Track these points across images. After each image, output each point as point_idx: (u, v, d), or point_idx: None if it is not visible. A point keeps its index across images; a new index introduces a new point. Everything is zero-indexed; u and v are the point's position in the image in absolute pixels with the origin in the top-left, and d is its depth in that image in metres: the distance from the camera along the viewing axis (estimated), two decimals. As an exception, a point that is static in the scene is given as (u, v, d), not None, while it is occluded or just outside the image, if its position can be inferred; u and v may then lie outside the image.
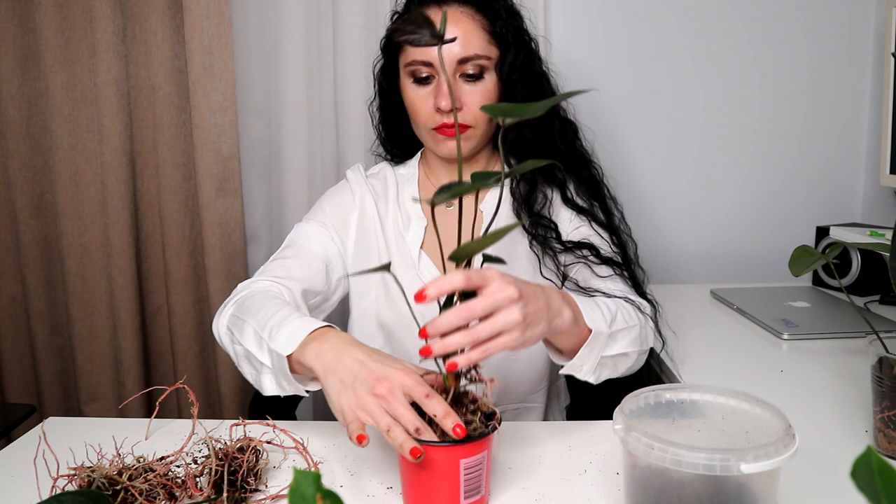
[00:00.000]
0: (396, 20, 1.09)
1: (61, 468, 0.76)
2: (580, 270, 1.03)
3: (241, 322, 0.89)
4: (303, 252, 1.06)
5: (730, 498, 0.59)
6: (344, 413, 0.71)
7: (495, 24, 1.02)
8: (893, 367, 0.76)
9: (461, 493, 0.68)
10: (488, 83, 1.02)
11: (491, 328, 0.66)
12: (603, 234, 1.07)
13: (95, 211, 1.64)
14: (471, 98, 1.01)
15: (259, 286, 0.97)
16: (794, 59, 1.70)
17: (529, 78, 1.05)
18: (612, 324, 0.84)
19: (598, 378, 0.86)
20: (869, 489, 0.33)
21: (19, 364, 1.74)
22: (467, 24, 1.00)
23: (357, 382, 0.72)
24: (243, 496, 0.72)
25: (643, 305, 0.97)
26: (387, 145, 1.20)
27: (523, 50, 1.04)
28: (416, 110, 1.03)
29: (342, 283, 1.11)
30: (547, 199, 1.09)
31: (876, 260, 1.48)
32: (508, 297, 0.66)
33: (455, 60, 0.99)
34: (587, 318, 0.80)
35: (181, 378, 1.63)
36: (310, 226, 1.10)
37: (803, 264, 0.85)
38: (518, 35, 1.04)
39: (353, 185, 1.14)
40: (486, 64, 1.01)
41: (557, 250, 1.05)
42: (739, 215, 1.77)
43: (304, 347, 0.78)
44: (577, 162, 1.11)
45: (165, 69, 1.58)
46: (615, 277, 1.01)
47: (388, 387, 0.69)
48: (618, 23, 1.68)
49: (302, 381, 0.83)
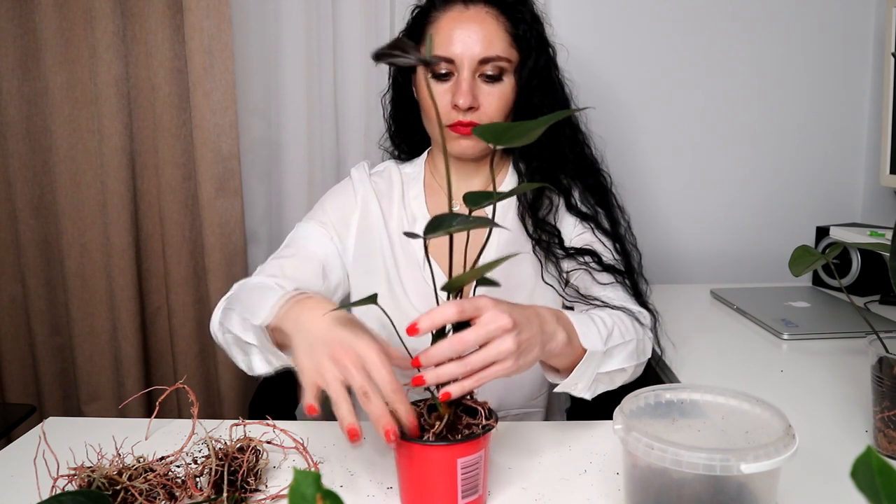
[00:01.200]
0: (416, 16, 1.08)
1: (61, 468, 0.76)
2: (581, 277, 1.03)
3: (230, 311, 0.90)
4: (300, 252, 1.06)
5: (730, 498, 0.59)
6: (304, 372, 0.70)
7: (519, 28, 1.01)
8: (893, 367, 0.76)
9: (458, 493, 0.68)
10: (506, 86, 1.01)
11: (484, 358, 0.66)
12: (606, 241, 1.06)
13: (95, 211, 1.64)
14: (487, 99, 1.00)
15: (253, 281, 0.98)
16: (795, 59, 1.70)
17: (547, 84, 1.05)
18: (608, 340, 0.84)
19: (593, 394, 0.86)
20: (869, 489, 0.33)
21: (19, 364, 1.74)
22: (491, 25, 0.99)
23: (321, 346, 0.70)
24: (243, 496, 0.72)
25: (642, 315, 0.95)
26: (395, 140, 1.19)
27: (544, 56, 1.04)
28: (432, 106, 1.02)
29: (342, 284, 1.10)
30: (553, 205, 1.08)
31: (876, 260, 1.48)
32: (502, 328, 0.66)
33: (476, 60, 0.98)
34: (582, 337, 0.80)
35: (181, 378, 1.63)
36: (310, 225, 1.10)
37: (803, 264, 0.85)
38: (540, 41, 1.04)
39: (356, 183, 1.13)
40: (505, 66, 1.00)
41: (560, 256, 1.04)
42: (739, 215, 1.77)
43: (284, 315, 0.77)
44: (585, 170, 1.10)
45: (165, 69, 1.58)
46: (616, 285, 1.00)
47: (349, 356, 0.68)
48: (617, 23, 1.68)
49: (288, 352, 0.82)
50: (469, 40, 0.98)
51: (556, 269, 1.05)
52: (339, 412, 0.67)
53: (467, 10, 1.00)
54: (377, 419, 0.66)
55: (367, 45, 1.59)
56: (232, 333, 0.88)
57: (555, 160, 1.08)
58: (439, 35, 1.00)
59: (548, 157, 1.07)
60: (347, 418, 0.66)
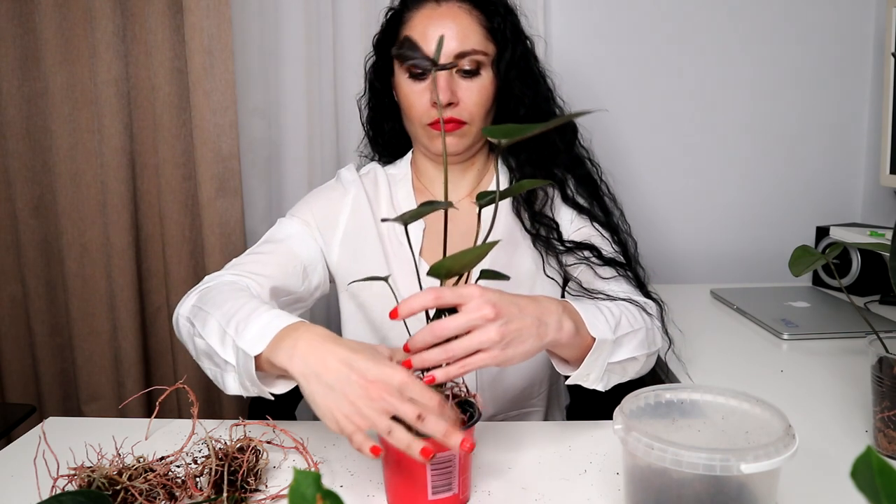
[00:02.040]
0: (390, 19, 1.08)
1: (61, 468, 0.76)
2: (583, 272, 1.02)
3: (204, 314, 0.83)
4: (279, 249, 1.03)
5: (730, 498, 0.59)
6: (338, 421, 0.66)
7: (493, 21, 1.01)
8: (893, 367, 0.76)
9: (429, 489, 0.68)
10: (485, 79, 1.01)
11: (466, 347, 0.67)
12: (605, 233, 1.05)
13: (95, 211, 1.64)
14: (467, 94, 1.00)
15: (226, 279, 0.93)
16: (794, 59, 1.70)
17: (527, 75, 1.04)
18: (617, 328, 0.83)
19: (606, 385, 0.85)
20: (869, 489, 0.33)
21: (19, 364, 1.74)
22: (465, 20, 0.99)
23: (348, 387, 0.66)
24: (243, 496, 0.72)
25: (648, 305, 0.95)
26: (374, 144, 1.18)
27: (520, 47, 1.04)
28: (412, 105, 1.01)
29: (322, 285, 1.07)
30: (548, 197, 1.08)
31: (876, 260, 1.48)
32: (484, 317, 0.67)
33: (452, 55, 0.98)
34: (590, 326, 0.79)
35: (181, 378, 1.63)
36: (292, 223, 1.07)
37: (803, 264, 0.85)
38: (515, 32, 1.04)
39: (346, 184, 1.11)
40: (482, 60, 1.00)
41: (559, 250, 1.04)
42: (739, 215, 1.77)
43: (276, 347, 0.72)
44: (574, 161, 1.10)
45: (165, 69, 1.58)
46: (619, 279, 1.00)
47: (383, 388, 0.65)
48: (616, 23, 1.67)
49: (266, 380, 0.77)
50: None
51: (558, 262, 1.05)
52: (403, 442, 0.63)
53: (439, 6, 1.00)
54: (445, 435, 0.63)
55: (367, 45, 1.58)
56: (205, 341, 0.81)
57: (545, 152, 1.07)
58: (413, 33, 0.99)
59: (538, 149, 1.06)
60: (416, 442, 0.63)
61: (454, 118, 1.00)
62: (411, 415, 0.63)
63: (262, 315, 0.76)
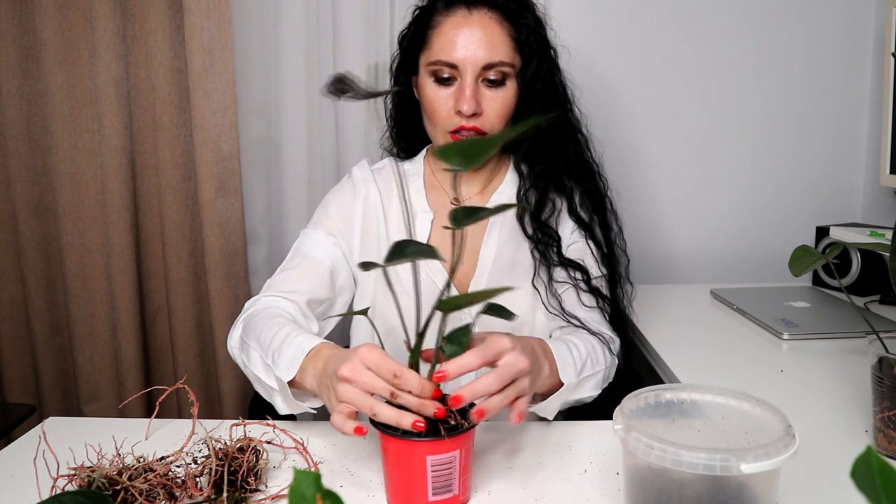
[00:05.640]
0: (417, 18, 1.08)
1: (61, 468, 0.76)
2: (568, 291, 1.06)
3: (248, 347, 0.92)
4: (307, 261, 1.06)
5: (730, 498, 0.59)
6: (332, 411, 0.73)
7: (522, 33, 1.01)
8: (893, 367, 0.76)
9: (429, 490, 0.68)
10: (509, 90, 1.01)
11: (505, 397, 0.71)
12: (596, 253, 1.09)
13: (95, 211, 1.64)
14: (490, 105, 1.00)
15: (263, 303, 0.99)
16: (794, 59, 1.70)
17: (550, 87, 1.05)
18: (581, 371, 0.90)
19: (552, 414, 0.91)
20: (869, 489, 0.33)
21: (19, 364, 1.74)
22: (495, 30, 0.99)
23: (326, 378, 0.75)
24: (243, 496, 0.72)
25: (614, 343, 1.02)
26: (396, 139, 1.20)
27: (546, 59, 1.04)
28: (435, 110, 1.02)
29: (348, 287, 1.11)
30: (556, 209, 1.09)
31: (876, 260, 1.48)
32: (522, 371, 0.72)
33: (480, 65, 0.99)
34: (561, 370, 0.86)
35: (181, 378, 1.63)
36: (316, 233, 1.10)
37: (803, 264, 0.85)
38: (543, 44, 1.04)
39: (357, 182, 1.13)
40: (508, 71, 1.00)
41: (554, 263, 1.06)
42: (739, 215, 1.77)
43: (304, 371, 0.81)
44: (585, 173, 1.11)
45: (165, 69, 1.58)
46: (595, 310, 1.05)
47: (350, 367, 0.70)
48: (616, 22, 1.68)
49: (304, 398, 0.86)
50: (473, 46, 0.98)
51: (547, 275, 1.06)
52: (391, 417, 0.67)
53: (471, 14, 1.00)
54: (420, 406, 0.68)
55: (367, 45, 1.59)
56: (252, 372, 0.90)
57: (558, 162, 1.08)
58: (442, 39, 1.00)
59: (551, 160, 1.08)
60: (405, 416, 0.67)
61: (476, 128, 1.01)
62: (383, 391, 0.68)
63: (291, 343, 0.84)
